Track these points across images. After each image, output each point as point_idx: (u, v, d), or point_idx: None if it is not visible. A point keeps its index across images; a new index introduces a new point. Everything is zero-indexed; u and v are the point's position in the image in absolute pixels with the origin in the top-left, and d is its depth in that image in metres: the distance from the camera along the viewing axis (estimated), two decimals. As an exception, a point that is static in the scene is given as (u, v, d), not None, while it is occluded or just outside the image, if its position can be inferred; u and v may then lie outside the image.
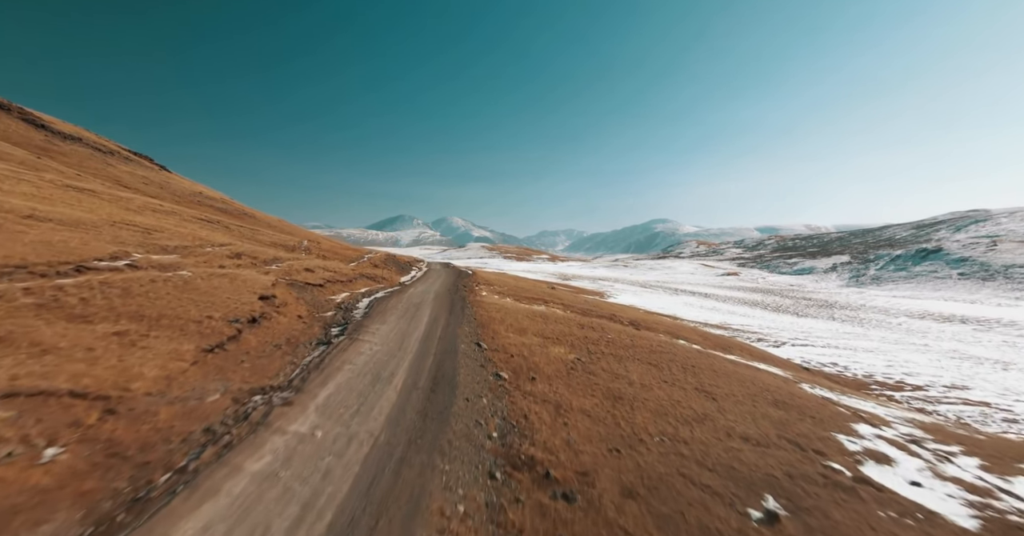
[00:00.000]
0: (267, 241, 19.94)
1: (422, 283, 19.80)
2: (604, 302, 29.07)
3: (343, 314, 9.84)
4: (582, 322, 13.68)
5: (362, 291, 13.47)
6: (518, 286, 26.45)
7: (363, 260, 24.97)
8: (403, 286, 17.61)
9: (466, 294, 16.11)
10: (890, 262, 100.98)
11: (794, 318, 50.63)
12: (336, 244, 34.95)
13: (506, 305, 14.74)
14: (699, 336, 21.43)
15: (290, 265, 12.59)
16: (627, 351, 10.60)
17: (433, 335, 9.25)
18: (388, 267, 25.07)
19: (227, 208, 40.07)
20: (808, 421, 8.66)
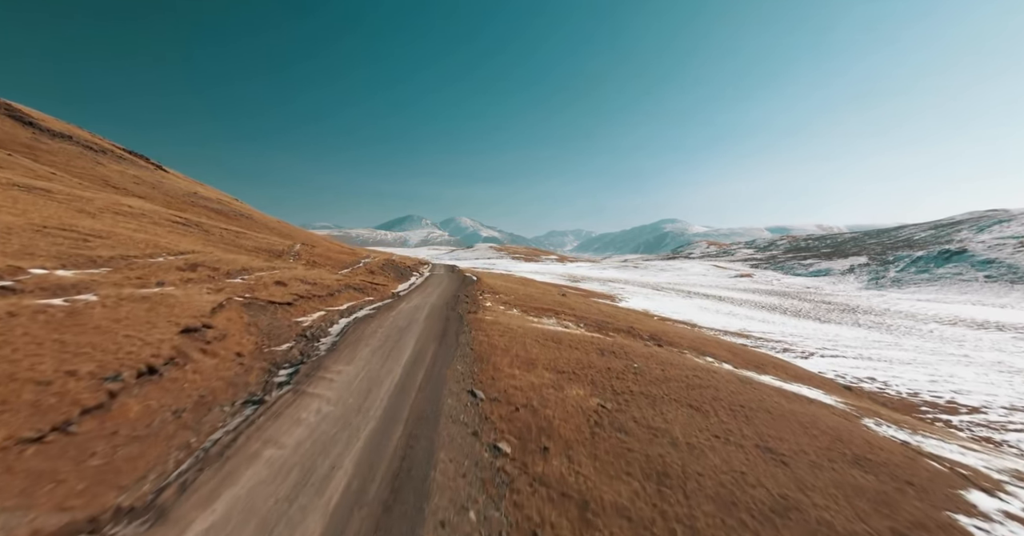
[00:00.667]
0: (249, 246, 18.17)
1: (418, 294, 17.82)
2: (618, 311, 26.93)
3: (303, 346, 7.75)
4: (600, 344, 11.62)
5: (343, 308, 11.52)
6: (526, 293, 24.44)
7: (358, 266, 23.15)
8: (396, 298, 15.69)
9: (466, 310, 14.12)
10: (911, 264, 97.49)
11: (817, 324, 48.05)
12: (334, 247, 33.15)
13: (512, 324, 12.74)
14: (726, 351, 19.25)
15: (260, 278, 10.73)
16: (660, 387, 8.54)
17: (412, 382, 7.12)
18: (385, 273, 23.23)
19: (222, 209, 38.50)
20: (910, 494, 6.54)
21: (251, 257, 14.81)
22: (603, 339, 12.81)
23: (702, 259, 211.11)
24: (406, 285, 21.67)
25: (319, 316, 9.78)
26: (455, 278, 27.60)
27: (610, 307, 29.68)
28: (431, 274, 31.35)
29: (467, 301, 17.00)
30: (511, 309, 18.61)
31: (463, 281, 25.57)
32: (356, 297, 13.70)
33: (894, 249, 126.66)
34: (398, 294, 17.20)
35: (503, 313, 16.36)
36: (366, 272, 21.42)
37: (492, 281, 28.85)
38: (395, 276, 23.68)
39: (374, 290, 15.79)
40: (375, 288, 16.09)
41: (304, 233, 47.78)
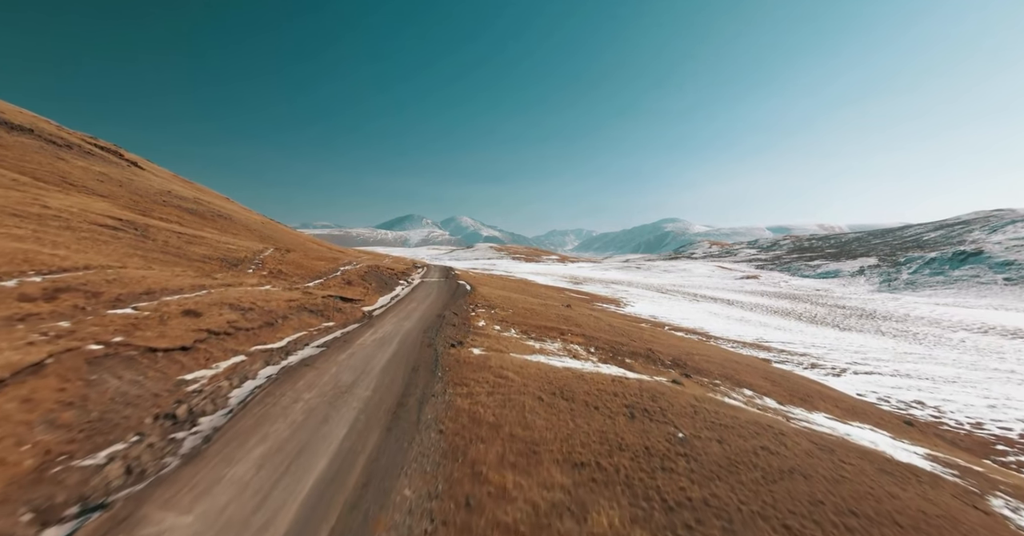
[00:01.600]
0: (197, 255, 15.25)
1: (396, 314, 14.72)
2: (630, 325, 23.91)
3: (145, 451, 4.48)
4: (624, 391, 8.64)
5: (278, 346, 8.49)
6: (527, 306, 21.44)
7: (334, 275, 20.20)
8: (365, 322, 12.61)
9: (449, 341, 11.01)
10: (924, 265, 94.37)
11: (837, 332, 45.02)
12: (315, 251, 30.12)
13: (507, 362, 9.70)
14: (762, 379, 16.24)
15: (164, 305, 7.79)
16: (727, 484, 5.52)
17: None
18: (365, 283, 20.28)
19: (197, 209, 35.54)
20: None
21: (184, 271, 11.88)
22: (625, 380, 9.78)
23: (705, 259, 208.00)
24: (386, 299, 18.72)
25: (229, 366, 6.76)
26: (446, 288, 24.62)
27: (619, 319, 26.64)
28: (421, 281, 28.39)
29: (454, 324, 14.00)
30: (508, 330, 15.61)
31: (455, 292, 22.59)
32: (308, 324, 10.69)
33: (904, 250, 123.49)
34: (370, 315, 14.13)
35: (498, 338, 13.36)
36: (340, 284, 18.48)
37: (488, 290, 25.82)
38: (376, 287, 20.73)
39: (339, 312, 12.74)
40: (341, 309, 13.08)
41: (290, 235, 44.82)
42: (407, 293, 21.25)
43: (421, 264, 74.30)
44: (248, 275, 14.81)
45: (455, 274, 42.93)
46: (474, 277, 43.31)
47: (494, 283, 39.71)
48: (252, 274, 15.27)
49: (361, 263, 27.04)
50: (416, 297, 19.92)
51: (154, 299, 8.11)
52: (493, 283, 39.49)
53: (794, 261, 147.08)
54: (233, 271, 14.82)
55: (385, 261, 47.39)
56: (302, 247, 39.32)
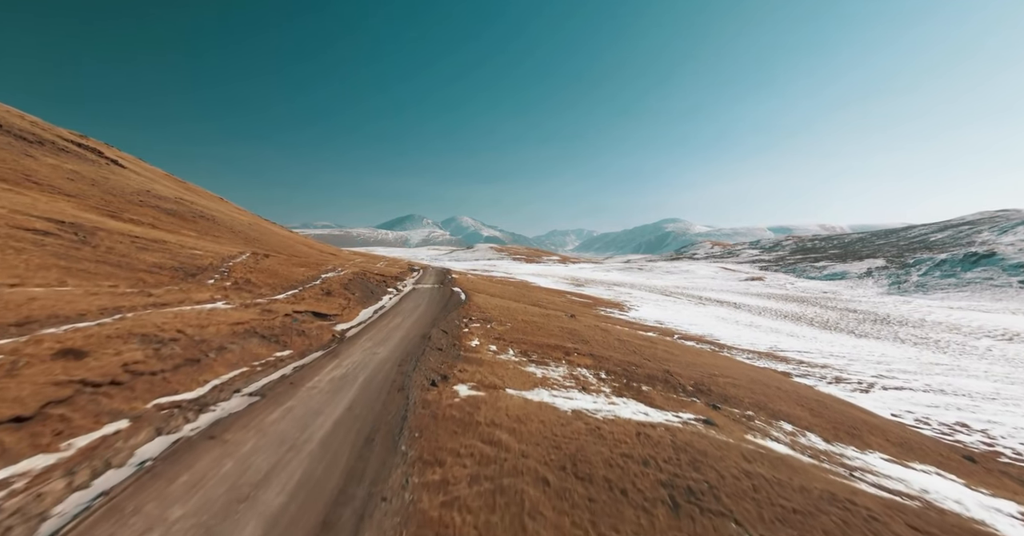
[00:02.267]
0: (147, 264, 13.10)
1: (370, 336, 12.31)
2: (642, 341, 21.75)
3: None
4: (659, 456, 6.49)
5: (190, 398, 6.17)
6: (527, 319, 19.28)
7: (312, 284, 18.05)
8: (331, 349, 10.61)
9: (430, 378, 8.70)
10: (934, 267, 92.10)
11: (853, 339, 42.82)
12: (300, 256, 27.99)
13: (500, 406, 7.56)
14: (800, 407, 14.08)
15: (33, 341, 5.66)
16: None
17: None
18: (347, 294, 18.14)
19: (177, 210, 33.44)
20: None
21: (113, 286, 9.77)
22: (651, 431, 7.64)
23: (707, 260, 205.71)
24: (369, 312, 16.59)
25: (89, 445, 4.44)
26: (439, 297, 22.48)
27: (626, 328, 24.45)
28: (413, 288, 26.26)
29: (441, 347, 11.83)
30: (505, 350, 13.47)
31: (447, 302, 20.46)
32: (254, 356, 8.49)
33: (911, 251, 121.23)
34: (342, 336, 11.89)
35: (493, 364, 11.21)
36: (317, 295, 16.34)
37: (485, 300, 23.64)
38: (360, 297, 18.61)
39: (301, 335, 10.53)
40: (305, 331, 10.86)
41: (278, 237, 42.68)
42: (394, 304, 19.13)
43: (418, 266, 72.11)
44: (203, 288, 12.69)
45: (452, 278, 40.79)
46: (472, 281, 41.15)
47: (492, 289, 37.54)
48: (210, 286, 13.16)
49: (347, 269, 24.86)
50: (403, 310, 17.75)
51: (28, 332, 6.03)
52: (491, 289, 37.32)
53: (798, 262, 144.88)
54: (186, 283, 12.72)
55: (378, 265, 45.27)
56: (289, 250, 37.20)
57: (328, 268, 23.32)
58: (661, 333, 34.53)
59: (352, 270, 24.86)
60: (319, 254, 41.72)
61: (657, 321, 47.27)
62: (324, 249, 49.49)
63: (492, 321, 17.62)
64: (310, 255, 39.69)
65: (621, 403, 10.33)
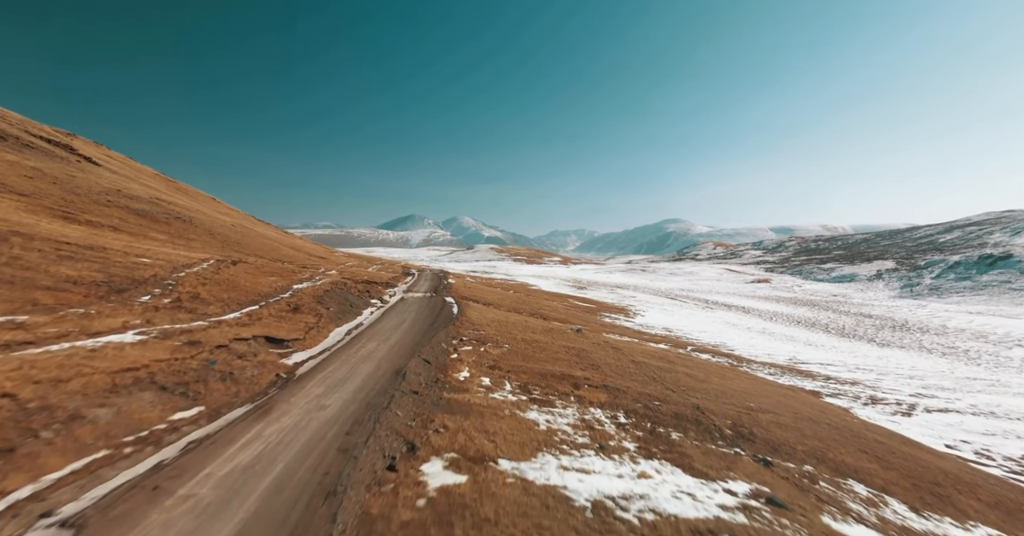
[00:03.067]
0: (56, 277, 10.52)
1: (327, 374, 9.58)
2: (662, 365, 19.11)
3: None
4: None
5: None
6: (529, 339, 16.68)
7: (279, 298, 15.48)
8: (257, 403, 7.94)
9: (386, 464, 5.84)
10: (948, 270, 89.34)
11: (876, 348, 40.17)
12: (272, 263, 25.41)
13: (487, 515, 5.04)
14: (862, 452, 11.51)
15: None
16: None
17: None
18: (318, 309, 15.57)
19: (149, 211, 30.91)
20: None
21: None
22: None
23: (710, 261, 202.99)
24: (340, 333, 14.04)
25: None
26: (428, 310, 19.90)
27: (642, 349, 21.80)
28: (402, 298, 23.69)
29: (417, 389, 9.21)
30: (500, 386, 10.90)
31: (437, 317, 17.88)
32: (132, 425, 5.68)
33: (921, 253, 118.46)
34: (289, 376, 9.23)
35: (482, 410, 8.66)
36: (281, 311, 13.78)
37: (480, 314, 21.00)
38: (335, 312, 16.04)
39: (225, 380, 7.78)
40: (231, 373, 8.18)
41: (262, 239, 40.10)
42: (375, 320, 16.61)
43: (415, 269, 69.45)
44: (122, 310, 10.16)
45: (448, 284, 38.20)
46: (469, 287, 38.53)
47: (490, 296, 34.93)
48: (135, 307, 10.65)
49: (327, 277, 22.23)
50: (382, 329, 15.16)
51: None
52: (489, 296, 34.71)
53: (804, 264, 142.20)
54: (103, 303, 10.21)
55: (370, 269, 42.69)
56: (273, 253, 34.64)
57: (305, 276, 20.75)
58: (673, 344, 31.95)
59: (332, 279, 22.24)
60: (305, 258, 39.15)
61: (665, 328, 44.68)
62: (313, 252, 46.95)
63: (487, 342, 15.04)
64: (297, 258, 37.17)
65: (652, 471, 7.72)
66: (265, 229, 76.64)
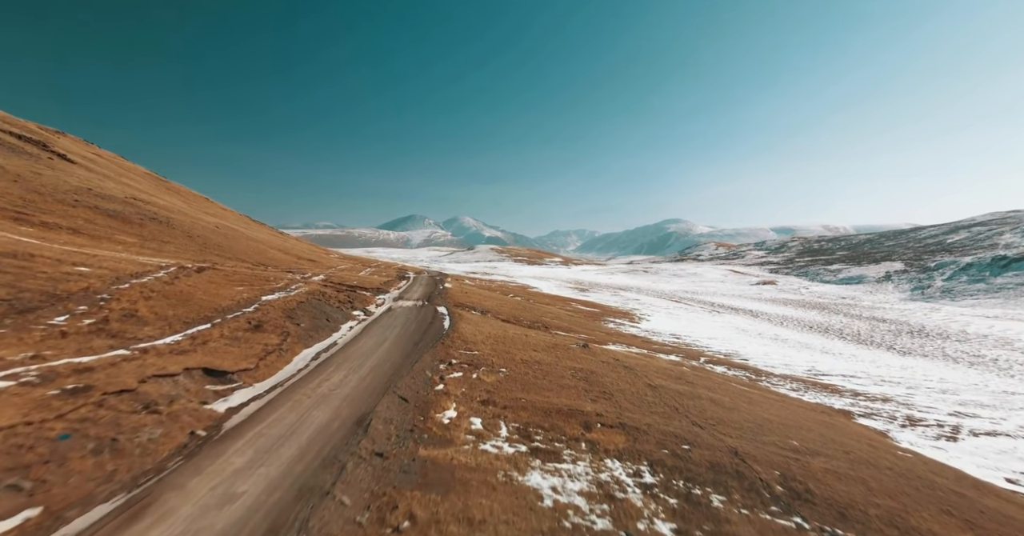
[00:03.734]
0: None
1: (261, 431, 7.16)
2: (685, 390, 16.88)
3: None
4: None
5: None
6: (530, 361, 14.45)
7: (240, 313, 13.25)
8: (128, 498, 5.13)
9: None
10: (960, 271, 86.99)
11: (897, 357, 37.91)
12: (263, 263, 23.24)
13: None
14: (948, 515, 9.27)
15: None
16: None
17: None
18: (286, 326, 13.37)
19: (122, 211, 28.74)
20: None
21: None
22: None
23: (712, 261, 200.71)
24: (303, 358, 11.81)
25: None
26: (417, 323, 17.68)
27: (656, 365, 19.56)
28: (390, 308, 21.48)
29: (382, 452, 6.88)
30: (495, 431, 8.70)
31: (425, 333, 15.66)
32: None
33: (930, 253, 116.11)
34: (213, 431, 6.71)
35: (465, 486, 6.47)
36: (237, 332, 11.56)
37: (475, 328, 18.73)
38: (306, 328, 13.85)
39: (111, 450, 5.46)
40: (136, 431, 6.01)
41: (246, 242, 37.89)
42: (352, 337, 14.41)
43: (412, 271, 67.17)
44: (19, 336, 8.01)
45: (444, 289, 35.97)
46: (466, 293, 36.30)
47: (488, 302, 32.70)
48: (38, 332, 8.51)
49: (307, 286, 19.96)
50: (357, 352, 12.90)
51: None
52: (487, 302, 32.48)
53: (809, 265, 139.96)
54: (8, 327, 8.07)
55: (361, 273, 40.49)
56: (255, 257, 32.46)
57: (280, 285, 18.52)
58: (684, 354, 29.73)
59: (312, 287, 20.00)
60: (292, 261, 36.95)
61: (673, 335, 42.47)
62: (304, 254, 44.72)
63: (481, 365, 12.83)
64: (283, 262, 34.97)
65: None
66: (258, 230, 74.43)
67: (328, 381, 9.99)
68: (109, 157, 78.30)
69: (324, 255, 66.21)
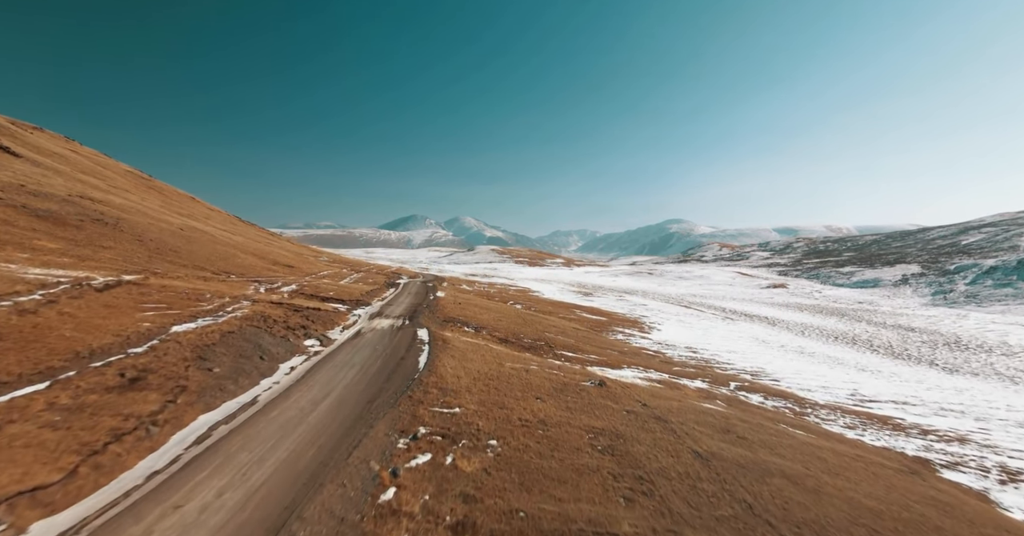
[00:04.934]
0: None
1: None
2: (730, 443, 12.64)
3: None
4: None
5: None
6: (534, 415, 10.41)
7: (112, 360, 9.23)
8: None
9: None
10: (983, 275, 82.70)
11: (946, 376, 33.76)
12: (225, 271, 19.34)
13: None
14: None
15: None
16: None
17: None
18: (181, 379, 9.37)
19: (57, 211, 24.74)
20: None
21: None
22: None
23: (717, 263, 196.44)
24: (191, 433, 7.82)
25: None
26: (386, 357, 13.63)
27: (702, 422, 15.32)
28: (359, 331, 17.45)
29: None
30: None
31: (395, 370, 11.69)
32: None
33: (947, 256, 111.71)
34: None
35: None
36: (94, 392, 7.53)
37: (460, 365, 14.52)
38: (217, 378, 9.83)
39: None
40: None
41: (212, 246, 33.81)
42: (284, 388, 10.34)
43: (406, 275, 63.11)
44: None
45: (434, 301, 31.90)
46: (460, 305, 32.19)
47: (484, 316, 28.59)
48: None
49: (245, 309, 15.72)
50: (279, 419, 8.66)
51: None
52: (483, 316, 28.38)
53: (819, 267, 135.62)
54: None
55: (343, 282, 36.40)
56: (217, 264, 28.38)
57: (211, 307, 14.43)
58: (712, 379, 25.64)
59: (255, 308, 15.90)
60: (264, 268, 32.88)
61: (689, 348, 38.38)
62: (281, 260, 40.64)
63: (460, 437, 8.78)
64: (251, 269, 30.90)
65: None
66: (245, 231, 70.35)
67: (197, 499, 5.91)
68: (87, 154, 74.38)
69: (313, 257, 62.16)
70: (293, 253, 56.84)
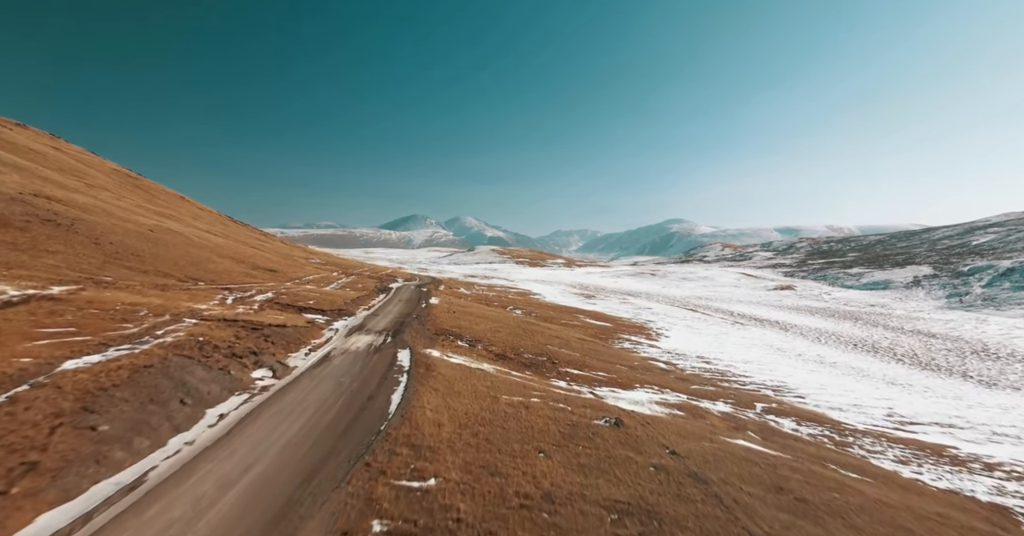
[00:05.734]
0: None
1: None
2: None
3: None
4: None
5: None
6: (534, 487, 7.64)
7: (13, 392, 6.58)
8: None
9: None
10: (1000, 277, 79.80)
11: (985, 391, 30.94)
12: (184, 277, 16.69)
13: None
14: None
15: None
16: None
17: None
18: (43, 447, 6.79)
19: (10, 219, 22.00)
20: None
21: None
22: None
23: (719, 263, 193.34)
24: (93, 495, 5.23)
25: None
26: (354, 392, 10.88)
27: (749, 481, 12.47)
28: (325, 355, 14.69)
29: None
30: None
31: (355, 419, 8.88)
32: None
33: (959, 257, 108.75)
34: None
35: None
36: None
37: (443, 402, 11.68)
38: (95, 444, 7.08)
39: None
40: None
41: (183, 249, 31.01)
42: (194, 454, 7.58)
43: (402, 277, 60.29)
44: None
45: (426, 309, 29.12)
46: (454, 313, 29.38)
47: (480, 325, 25.80)
48: None
49: (179, 333, 12.86)
50: (162, 521, 6.12)
51: None
52: (479, 326, 25.59)
53: (826, 268, 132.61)
54: None
55: (328, 287, 33.61)
56: (185, 270, 25.64)
57: (131, 331, 11.70)
58: (735, 400, 22.86)
59: (194, 330, 13.14)
60: (240, 274, 30.10)
61: (701, 358, 35.62)
62: (264, 264, 37.83)
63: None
64: (224, 275, 28.14)
65: None
66: (236, 231, 67.52)
67: None
68: (71, 152, 71.59)
69: (303, 260, 59.35)
70: (281, 255, 54.01)
